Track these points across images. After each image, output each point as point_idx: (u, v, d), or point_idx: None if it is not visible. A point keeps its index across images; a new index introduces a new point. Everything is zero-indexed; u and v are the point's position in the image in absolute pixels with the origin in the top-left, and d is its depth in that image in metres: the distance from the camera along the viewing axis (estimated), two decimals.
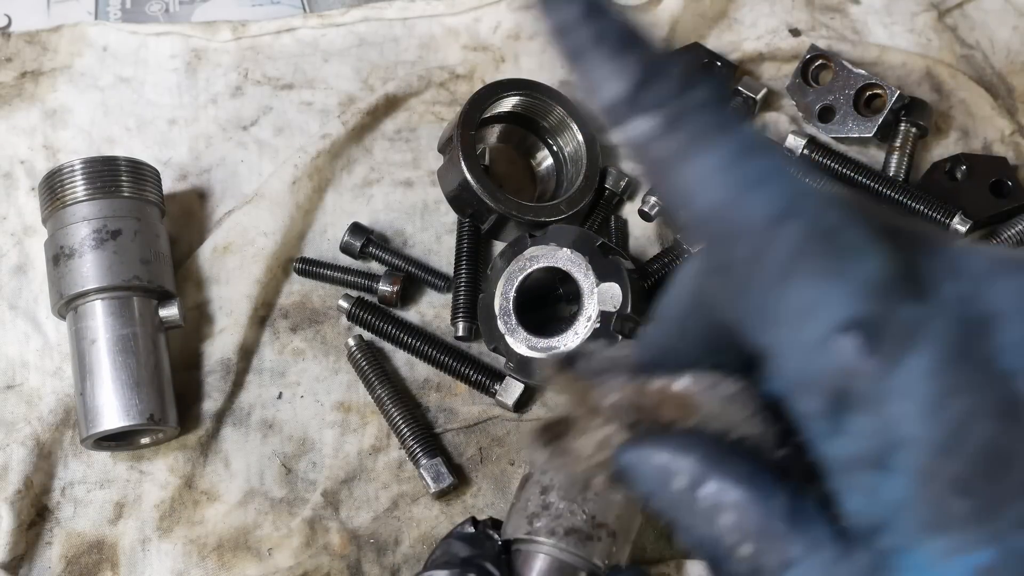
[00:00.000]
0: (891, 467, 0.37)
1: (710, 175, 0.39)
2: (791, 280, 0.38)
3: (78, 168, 1.01)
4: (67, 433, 1.01)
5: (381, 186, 1.14)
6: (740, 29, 1.24)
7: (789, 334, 0.39)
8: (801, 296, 0.38)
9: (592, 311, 0.98)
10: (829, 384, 0.38)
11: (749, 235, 0.39)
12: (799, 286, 0.38)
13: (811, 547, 0.41)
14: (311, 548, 0.97)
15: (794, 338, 0.39)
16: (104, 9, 1.27)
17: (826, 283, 0.38)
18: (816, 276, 0.38)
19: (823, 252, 0.38)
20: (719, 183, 0.39)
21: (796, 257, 0.38)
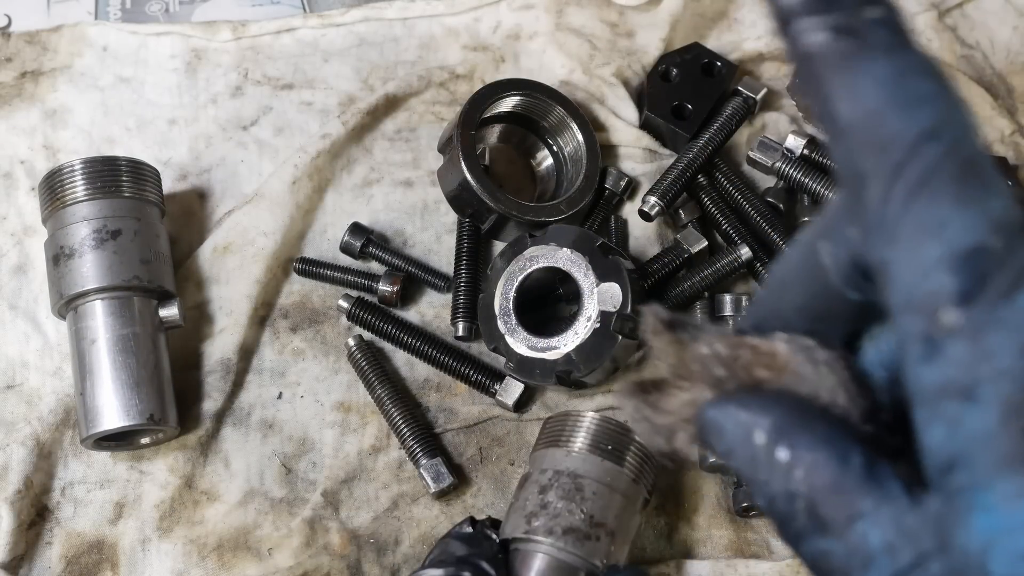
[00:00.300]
0: (979, 398, 0.38)
1: (872, 85, 0.41)
2: (923, 196, 0.40)
3: (78, 168, 1.01)
4: (67, 433, 1.01)
5: (381, 186, 1.14)
6: (740, 29, 1.24)
7: (909, 250, 0.40)
8: (930, 214, 0.40)
9: (592, 311, 0.98)
10: (935, 305, 0.39)
11: (895, 146, 0.40)
12: (930, 204, 0.40)
13: (882, 500, 0.42)
14: (311, 548, 0.97)
15: (913, 254, 0.40)
16: (104, 9, 1.27)
17: (956, 207, 0.39)
18: (948, 198, 0.39)
19: (960, 178, 0.40)
20: (879, 94, 0.41)
21: (934, 175, 0.40)
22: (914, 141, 0.40)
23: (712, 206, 1.10)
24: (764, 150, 1.10)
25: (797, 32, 0.42)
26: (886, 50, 0.41)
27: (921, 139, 0.40)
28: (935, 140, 0.40)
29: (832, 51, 0.42)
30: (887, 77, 0.41)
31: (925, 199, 0.40)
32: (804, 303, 0.50)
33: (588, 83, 1.17)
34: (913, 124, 0.40)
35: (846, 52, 0.41)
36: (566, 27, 1.21)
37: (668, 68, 1.17)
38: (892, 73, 0.41)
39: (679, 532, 0.98)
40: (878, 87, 0.41)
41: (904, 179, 0.40)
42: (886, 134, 0.41)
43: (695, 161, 1.10)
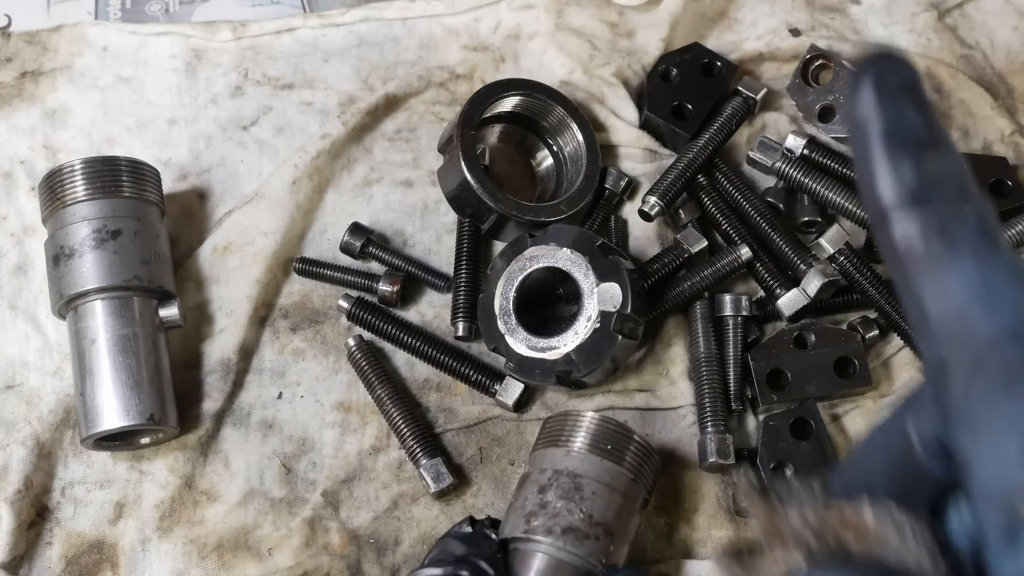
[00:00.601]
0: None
1: (959, 285, 0.43)
2: (1007, 392, 0.41)
3: (78, 168, 1.01)
4: (67, 433, 1.01)
5: (381, 186, 1.14)
6: (740, 29, 1.24)
7: (989, 444, 0.41)
8: (1010, 411, 0.41)
9: (592, 311, 0.98)
10: (1015, 499, 0.40)
11: (977, 343, 0.42)
12: (1010, 401, 0.41)
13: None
14: (311, 548, 0.97)
15: (993, 449, 0.41)
16: (104, 9, 1.27)
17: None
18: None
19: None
20: (965, 293, 0.43)
21: (1015, 374, 0.41)
22: (996, 339, 0.41)
23: (712, 206, 1.10)
24: (764, 150, 1.10)
25: (891, 224, 0.44)
26: (975, 252, 0.43)
27: (1003, 337, 0.41)
28: (1017, 340, 0.41)
29: (924, 249, 0.43)
30: (974, 278, 0.42)
31: (1005, 396, 0.40)
32: (891, 470, 0.51)
33: (588, 83, 1.17)
34: (996, 323, 0.42)
35: (938, 252, 0.43)
36: (566, 27, 1.21)
37: (668, 68, 1.17)
38: (979, 275, 0.42)
39: (679, 532, 0.98)
40: (965, 287, 0.42)
41: (985, 375, 0.41)
42: (970, 331, 0.42)
43: (695, 161, 1.10)
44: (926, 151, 0.45)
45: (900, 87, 0.46)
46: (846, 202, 1.07)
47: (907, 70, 0.47)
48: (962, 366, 0.42)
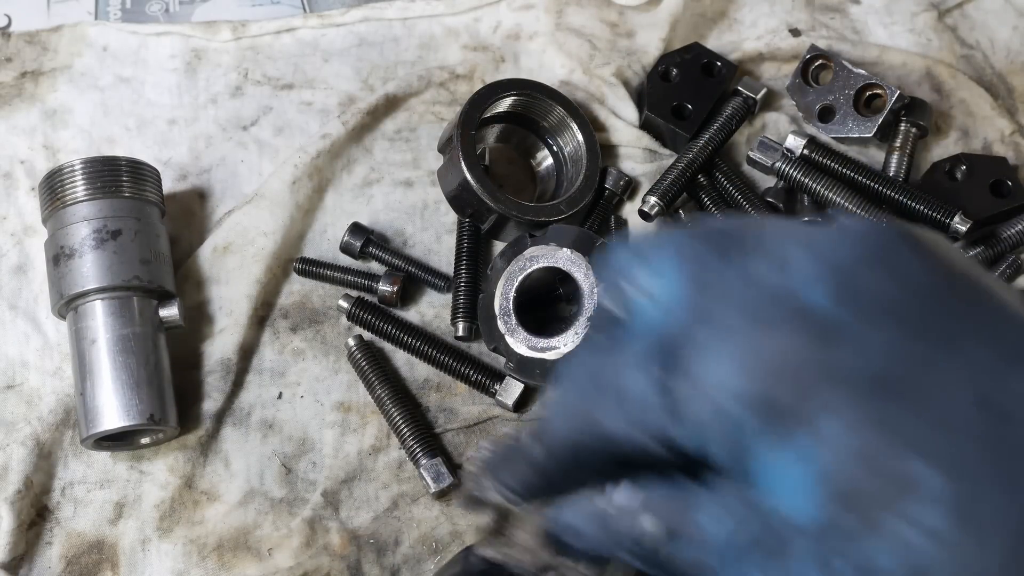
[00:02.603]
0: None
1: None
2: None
3: (78, 168, 1.01)
4: (67, 433, 1.01)
5: (381, 186, 1.14)
6: (740, 29, 1.24)
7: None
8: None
9: (592, 311, 0.98)
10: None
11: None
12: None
13: (701, 496, 0.52)
14: (311, 548, 0.97)
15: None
16: (104, 9, 1.27)
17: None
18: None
19: None
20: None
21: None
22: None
23: (712, 206, 1.10)
24: (764, 150, 1.10)
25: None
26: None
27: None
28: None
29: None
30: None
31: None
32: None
33: (588, 83, 1.17)
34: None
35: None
36: (566, 27, 1.21)
37: (668, 68, 1.17)
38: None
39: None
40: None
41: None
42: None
43: (695, 161, 1.10)
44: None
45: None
46: (846, 202, 1.07)
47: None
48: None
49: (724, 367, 0.49)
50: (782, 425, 0.48)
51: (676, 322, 0.53)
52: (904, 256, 0.51)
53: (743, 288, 0.51)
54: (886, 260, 0.51)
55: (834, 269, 0.50)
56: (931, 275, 0.51)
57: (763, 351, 0.49)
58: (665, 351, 0.52)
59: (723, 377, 0.49)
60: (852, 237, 0.52)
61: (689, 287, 0.53)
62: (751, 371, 0.49)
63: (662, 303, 0.54)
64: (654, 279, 0.54)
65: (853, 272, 0.50)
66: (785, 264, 0.51)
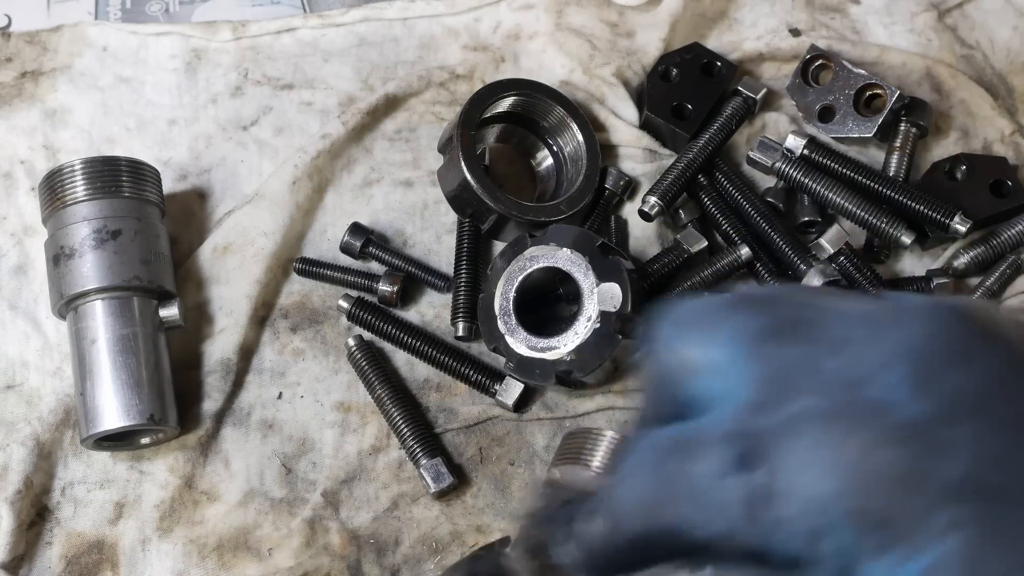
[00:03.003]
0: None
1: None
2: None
3: (78, 168, 1.01)
4: (67, 433, 1.01)
5: (381, 186, 1.14)
6: (740, 29, 1.24)
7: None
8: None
9: (592, 311, 0.98)
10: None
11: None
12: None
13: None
14: (311, 548, 0.97)
15: None
16: (104, 9, 1.27)
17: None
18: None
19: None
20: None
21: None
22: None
23: (712, 206, 1.10)
24: (764, 150, 1.10)
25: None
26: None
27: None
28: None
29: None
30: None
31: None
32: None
33: (588, 83, 1.17)
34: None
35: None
36: (566, 27, 1.21)
37: (668, 68, 1.17)
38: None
39: None
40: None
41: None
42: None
43: (695, 161, 1.10)
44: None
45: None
46: (846, 202, 1.07)
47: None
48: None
49: (830, 479, 0.46)
50: (899, 541, 0.45)
51: (761, 419, 0.49)
52: (974, 343, 0.48)
53: (832, 381, 0.48)
54: (971, 354, 0.48)
55: (909, 361, 0.47)
56: (1004, 363, 0.48)
57: (870, 462, 0.45)
58: (754, 454, 0.48)
59: (830, 489, 0.46)
60: (920, 320, 0.49)
61: (768, 378, 0.50)
62: (860, 483, 0.46)
63: (740, 392, 0.50)
64: (725, 360, 0.51)
65: (934, 368, 0.47)
66: (862, 360, 0.48)
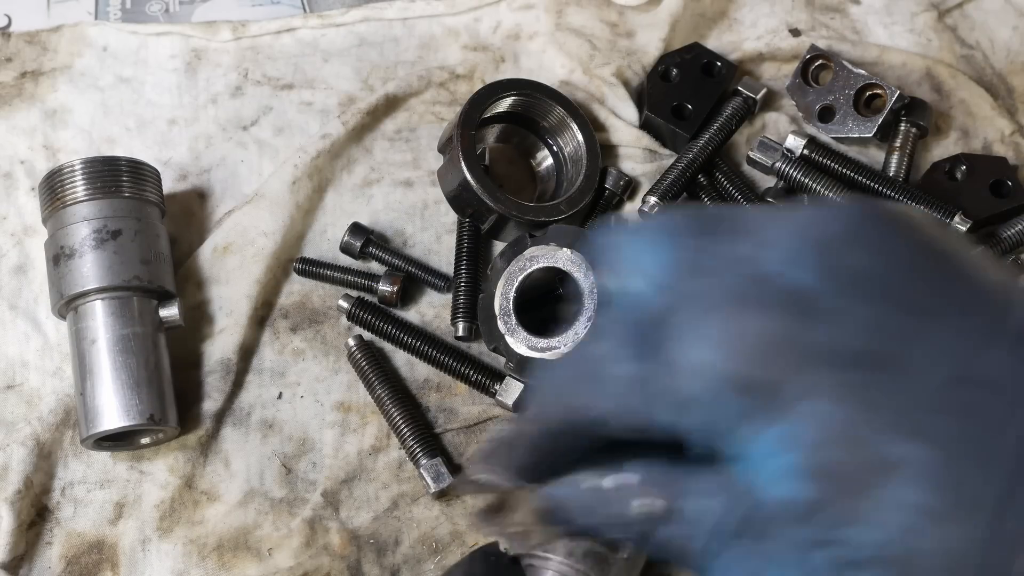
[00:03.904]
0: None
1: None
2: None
3: (78, 168, 1.01)
4: (67, 433, 1.01)
5: (381, 186, 1.14)
6: (740, 29, 1.24)
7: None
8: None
9: (592, 311, 0.98)
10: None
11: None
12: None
13: (688, 479, 0.52)
14: (311, 548, 0.97)
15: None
16: (104, 9, 1.27)
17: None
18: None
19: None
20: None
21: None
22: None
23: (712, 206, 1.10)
24: (764, 150, 1.10)
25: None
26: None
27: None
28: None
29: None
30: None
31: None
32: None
33: (588, 83, 1.17)
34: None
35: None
36: (566, 27, 1.21)
37: (668, 68, 1.17)
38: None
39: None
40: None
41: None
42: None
43: (695, 161, 1.10)
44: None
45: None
46: None
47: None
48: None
49: (703, 348, 0.49)
50: (764, 406, 0.47)
51: (659, 303, 0.52)
52: (883, 232, 0.51)
53: (726, 269, 0.51)
54: (866, 237, 0.50)
55: (814, 246, 0.50)
56: (910, 251, 0.50)
57: (743, 330, 0.48)
58: (646, 333, 0.51)
59: (702, 358, 0.49)
60: (832, 215, 0.52)
61: (675, 268, 0.53)
62: (730, 351, 0.48)
63: (648, 283, 0.53)
64: (642, 259, 0.54)
65: (833, 249, 0.50)
66: (767, 243, 0.51)
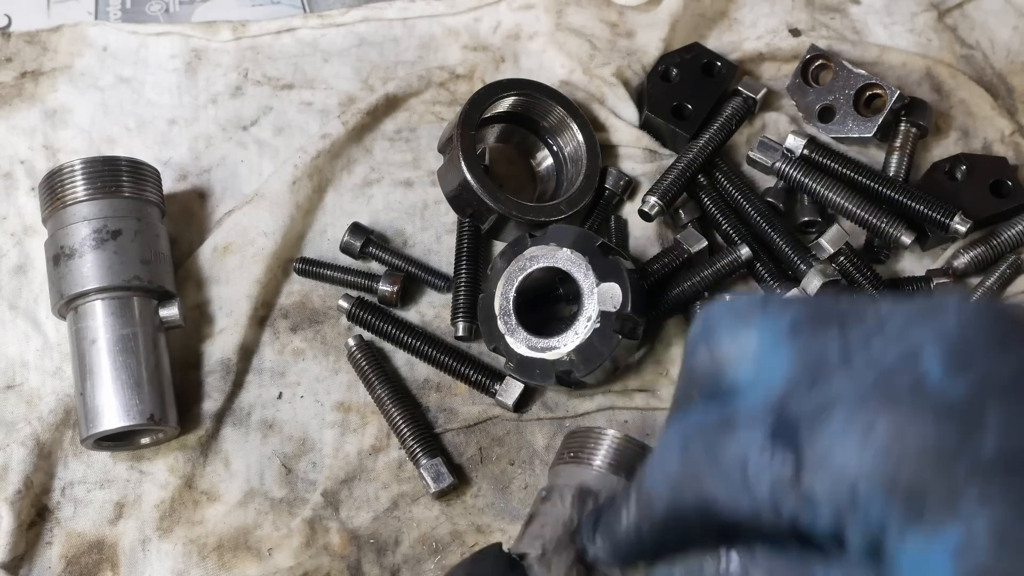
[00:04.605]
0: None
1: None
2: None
3: (78, 168, 1.01)
4: (67, 433, 1.01)
5: (381, 186, 1.14)
6: (740, 29, 1.24)
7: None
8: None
9: (592, 311, 0.98)
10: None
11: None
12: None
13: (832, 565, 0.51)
14: (311, 548, 0.97)
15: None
16: (104, 9, 1.27)
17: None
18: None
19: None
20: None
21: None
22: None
23: (712, 206, 1.10)
24: (764, 150, 1.10)
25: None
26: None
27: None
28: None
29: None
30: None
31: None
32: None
33: (588, 83, 1.17)
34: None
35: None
36: (566, 27, 1.21)
37: (668, 68, 1.17)
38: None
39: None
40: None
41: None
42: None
43: (695, 161, 1.10)
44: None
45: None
46: (846, 202, 1.07)
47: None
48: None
49: (865, 452, 0.47)
50: (929, 515, 0.45)
51: (797, 398, 0.50)
52: (1006, 331, 0.49)
53: (870, 368, 0.49)
54: (1008, 341, 0.49)
55: (943, 346, 0.48)
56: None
57: (904, 436, 0.46)
58: (791, 430, 0.49)
59: (864, 462, 0.46)
60: (951, 313, 0.50)
61: (806, 360, 0.50)
62: (893, 457, 0.46)
63: (777, 374, 0.51)
64: (763, 345, 0.52)
65: (979, 355, 0.48)
66: (912, 347, 0.49)
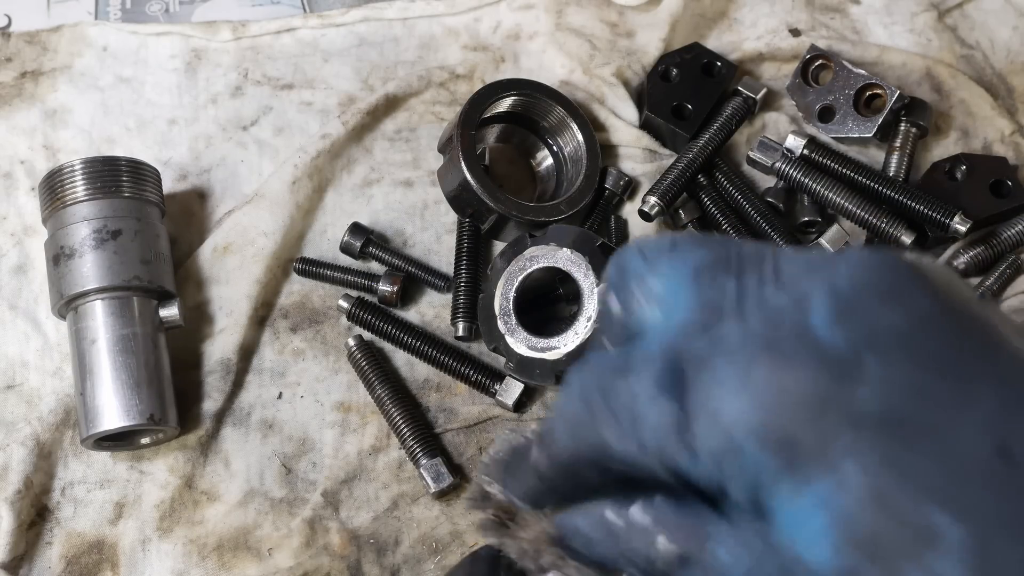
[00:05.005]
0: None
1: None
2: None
3: (78, 168, 1.01)
4: (67, 433, 1.01)
5: (381, 186, 1.14)
6: (740, 29, 1.24)
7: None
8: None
9: (592, 311, 0.98)
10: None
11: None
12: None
13: (719, 524, 0.51)
14: (311, 548, 0.97)
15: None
16: (104, 9, 1.27)
17: None
18: None
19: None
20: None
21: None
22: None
23: (712, 206, 1.10)
24: (764, 150, 1.10)
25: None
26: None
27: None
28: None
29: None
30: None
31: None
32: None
33: (588, 83, 1.17)
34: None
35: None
36: (566, 27, 1.21)
37: (668, 68, 1.17)
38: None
39: None
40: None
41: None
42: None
43: (695, 161, 1.10)
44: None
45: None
46: (846, 202, 1.07)
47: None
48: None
49: (742, 401, 0.48)
50: (801, 466, 0.47)
51: (690, 343, 0.51)
52: (916, 290, 0.50)
53: (759, 316, 0.50)
54: (899, 294, 0.50)
55: (834, 294, 0.49)
56: (943, 312, 0.50)
57: (784, 386, 0.48)
58: (679, 376, 0.50)
59: (741, 412, 0.48)
60: (863, 269, 0.51)
61: (703, 306, 0.52)
62: (769, 407, 0.48)
63: (675, 318, 0.52)
64: (667, 290, 0.53)
65: (867, 307, 0.49)
66: (802, 296, 0.50)
